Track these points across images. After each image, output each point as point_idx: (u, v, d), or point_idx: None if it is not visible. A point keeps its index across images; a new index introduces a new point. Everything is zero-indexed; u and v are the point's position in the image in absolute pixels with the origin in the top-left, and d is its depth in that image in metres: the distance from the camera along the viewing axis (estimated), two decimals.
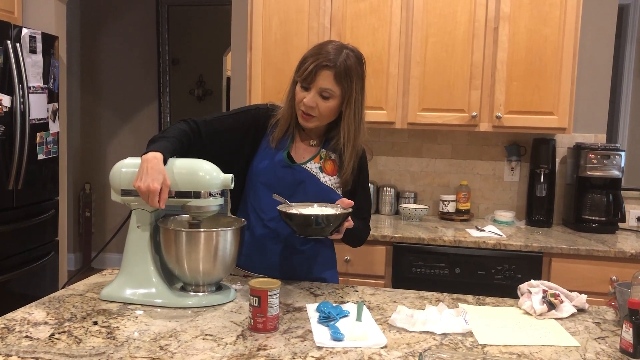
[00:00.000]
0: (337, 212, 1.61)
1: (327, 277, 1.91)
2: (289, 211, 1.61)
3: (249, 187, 1.84)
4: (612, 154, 2.93)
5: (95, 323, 1.42)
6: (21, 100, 3.14)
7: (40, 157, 3.38)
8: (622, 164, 2.94)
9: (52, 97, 3.46)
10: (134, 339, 1.33)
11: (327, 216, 1.59)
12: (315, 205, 1.68)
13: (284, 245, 1.82)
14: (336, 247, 2.74)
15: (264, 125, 1.83)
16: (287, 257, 1.83)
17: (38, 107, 3.30)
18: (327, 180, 1.80)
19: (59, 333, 1.35)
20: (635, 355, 1.31)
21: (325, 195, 1.76)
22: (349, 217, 1.65)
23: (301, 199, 1.73)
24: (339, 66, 1.68)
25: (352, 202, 1.66)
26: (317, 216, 1.58)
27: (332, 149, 1.82)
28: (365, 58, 1.80)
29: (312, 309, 1.55)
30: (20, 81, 3.12)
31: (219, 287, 1.66)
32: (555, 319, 1.57)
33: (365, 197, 1.90)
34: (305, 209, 1.65)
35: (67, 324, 1.41)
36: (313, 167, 1.80)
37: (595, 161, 2.94)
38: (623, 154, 2.95)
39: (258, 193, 1.81)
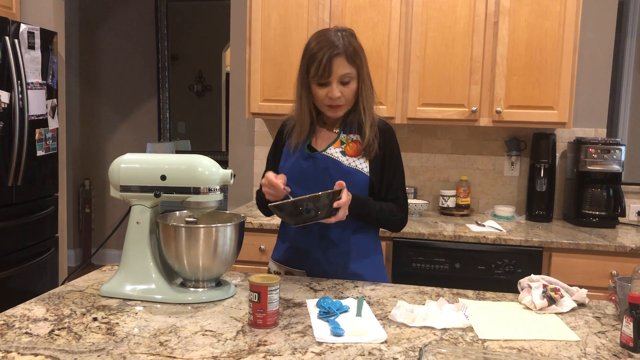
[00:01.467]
0: (314, 194, 1.57)
1: (366, 274, 1.85)
2: (275, 203, 1.59)
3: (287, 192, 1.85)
4: (612, 148, 2.93)
5: (95, 319, 1.42)
6: (20, 96, 3.13)
7: (40, 153, 3.37)
8: (622, 159, 2.94)
9: (51, 93, 3.46)
10: (134, 335, 1.33)
11: (308, 198, 1.54)
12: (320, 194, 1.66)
13: (319, 240, 1.81)
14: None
15: (282, 140, 1.91)
16: (324, 251, 1.82)
17: (37, 103, 3.30)
18: (352, 162, 1.79)
19: (59, 329, 1.35)
20: (635, 350, 1.31)
21: (350, 178, 1.75)
22: (341, 196, 1.61)
23: (328, 185, 1.70)
24: (348, 48, 1.71)
25: (342, 183, 1.62)
26: (295, 201, 1.55)
27: (353, 130, 1.82)
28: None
29: (312, 304, 1.55)
30: (19, 77, 3.12)
31: (218, 283, 1.66)
32: (556, 313, 1.57)
33: (395, 175, 1.85)
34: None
35: (66, 320, 1.41)
36: (334, 152, 1.81)
37: (595, 156, 2.94)
38: (623, 148, 2.94)
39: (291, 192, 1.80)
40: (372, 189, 1.81)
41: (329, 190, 1.59)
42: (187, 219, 1.64)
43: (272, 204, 1.59)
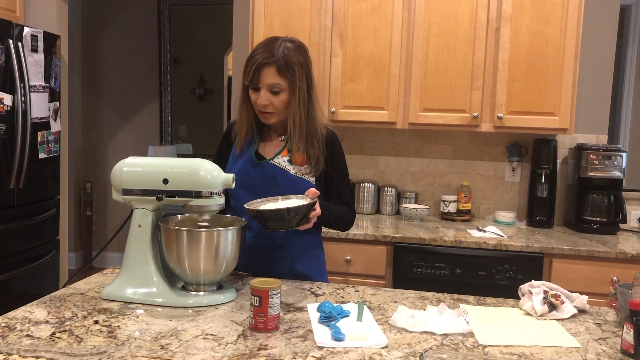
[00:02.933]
0: (299, 204, 1.60)
1: (311, 273, 1.91)
2: (253, 208, 1.61)
3: (230, 195, 1.89)
4: (613, 154, 2.93)
5: (96, 322, 1.42)
6: (22, 99, 3.14)
7: (42, 156, 3.38)
8: (624, 165, 2.94)
9: (54, 96, 3.46)
10: (135, 338, 1.33)
11: (290, 209, 1.57)
12: (280, 198, 1.70)
13: (265, 242, 1.85)
14: (336, 247, 2.74)
15: (229, 140, 1.93)
16: (271, 254, 1.86)
17: (39, 106, 3.31)
18: (298, 170, 1.83)
19: (60, 332, 1.35)
20: (636, 357, 1.31)
21: (297, 186, 1.78)
22: (316, 207, 1.66)
23: (275, 193, 1.75)
24: (279, 59, 1.74)
25: (317, 192, 1.68)
26: (279, 210, 1.57)
27: (299, 140, 1.83)
28: (306, 46, 1.84)
29: (313, 308, 1.55)
30: (22, 80, 3.12)
31: (219, 287, 1.66)
32: (556, 319, 1.57)
33: (343, 181, 1.92)
34: (270, 204, 1.66)
35: (68, 322, 1.41)
36: (281, 160, 1.84)
37: (596, 162, 2.94)
38: (624, 154, 2.94)
39: (236, 196, 1.86)
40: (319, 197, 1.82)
41: (309, 202, 1.62)
42: (200, 223, 1.65)
43: (253, 208, 1.61)
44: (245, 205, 1.64)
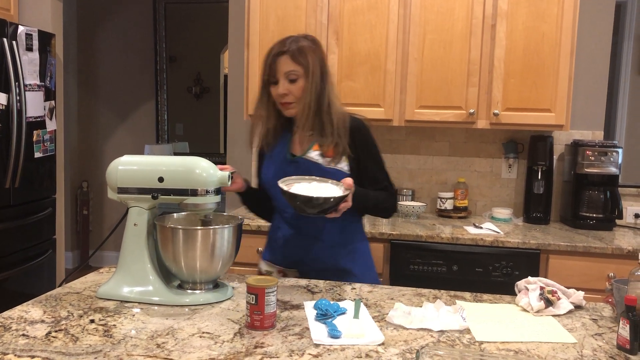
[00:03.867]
0: (330, 196, 1.63)
1: (354, 268, 1.91)
2: (287, 190, 1.63)
3: (271, 197, 1.95)
4: (609, 150, 2.93)
5: (92, 321, 1.42)
6: (17, 98, 3.13)
7: (37, 155, 3.37)
8: (620, 161, 2.95)
9: (49, 94, 3.45)
10: (131, 337, 1.33)
11: (321, 198, 1.60)
12: (317, 180, 1.72)
13: (311, 239, 1.88)
14: None
15: (263, 153, 1.99)
16: (315, 250, 1.88)
17: (35, 105, 3.29)
18: (330, 162, 1.85)
19: (56, 331, 1.35)
20: (632, 352, 1.31)
21: (332, 178, 1.79)
22: (347, 199, 1.67)
23: None
24: (292, 49, 1.82)
25: (351, 184, 1.69)
26: (311, 197, 1.60)
27: (326, 133, 1.86)
28: (318, 40, 1.93)
29: (309, 306, 1.55)
30: (17, 79, 3.11)
31: (216, 285, 1.66)
32: (553, 315, 1.57)
33: (376, 167, 1.91)
34: (304, 183, 1.69)
35: (64, 322, 1.41)
36: (314, 155, 1.86)
37: (592, 158, 2.94)
38: (620, 150, 2.95)
39: (275, 196, 1.91)
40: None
41: (341, 195, 1.64)
42: (202, 219, 1.66)
43: (289, 189, 1.64)
44: (278, 182, 1.67)
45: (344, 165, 1.85)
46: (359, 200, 1.76)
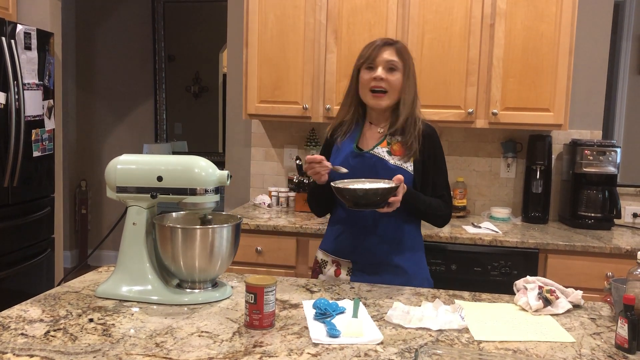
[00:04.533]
0: (379, 186, 1.68)
1: (407, 267, 1.92)
2: (338, 186, 1.71)
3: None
4: (607, 150, 2.94)
5: (91, 320, 1.42)
6: (16, 97, 3.12)
7: (36, 154, 3.36)
8: (618, 161, 2.95)
9: (48, 93, 3.45)
10: (130, 336, 1.33)
11: (374, 190, 1.66)
12: (368, 181, 1.77)
13: (368, 233, 1.91)
14: None
15: (331, 142, 2.02)
16: (371, 243, 1.91)
17: (33, 103, 3.29)
18: (396, 161, 1.88)
19: (55, 330, 1.35)
20: (630, 351, 1.31)
21: (394, 175, 1.79)
22: (397, 192, 1.71)
23: None
24: (399, 44, 1.93)
25: (401, 178, 1.73)
26: (361, 190, 1.66)
27: (398, 132, 1.91)
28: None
29: (308, 305, 1.55)
30: (15, 78, 3.11)
31: (215, 284, 1.66)
32: (551, 315, 1.57)
33: (439, 175, 1.95)
34: (358, 184, 1.73)
35: (62, 321, 1.41)
36: (381, 151, 1.91)
37: (591, 157, 2.94)
38: (619, 150, 2.95)
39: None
40: (415, 187, 1.88)
41: (392, 186, 1.69)
42: (201, 217, 1.66)
43: (339, 186, 1.70)
44: (331, 183, 1.73)
45: (408, 166, 1.88)
46: (409, 199, 1.80)
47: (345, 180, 1.78)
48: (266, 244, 2.81)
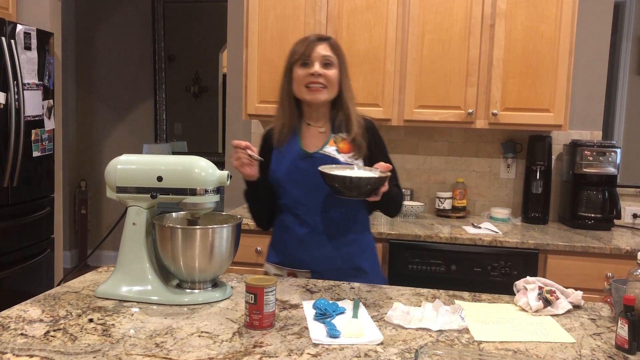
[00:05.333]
0: (376, 176, 1.67)
1: (368, 267, 1.92)
2: (328, 172, 1.66)
3: (280, 195, 1.90)
4: (607, 150, 2.94)
5: (91, 320, 1.42)
6: (16, 97, 3.12)
7: (36, 154, 3.36)
8: (618, 161, 2.95)
9: (48, 93, 3.45)
10: (130, 336, 1.33)
11: (367, 178, 1.63)
12: (355, 167, 1.75)
13: (322, 238, 1.86)
14: None
15: (268, 145, 1.95)
16: (327, 249, 1.86)
17: (33, 104, 3.29)
18: (347, 158, 1.85)
19: (54, 330, 1.35)
20: (630, 351, 1.31)
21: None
22: (386, 182, 1.69)
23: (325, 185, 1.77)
24: (332, 40, 1.90)
25: (389, 166, 1.71)
26: (358, 178, 1.63)
27: (341, 129, 1.89)
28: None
29: (308, 306, 1.55)
30: (15, 78, 3.11)
31: (215, 284, 1.66)
32: (551, 315, 1.57)
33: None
34: (348, 171, 1.70)
35: (62, 321, 1.41)
36: (330, 150, 1.86)
37: (591, 158, 2.94)
38: (619, 150, 2.95)
39: (287, 192, 1.87)
40: None
41: (384, 175, 1.67)
42: (188, 218, 1.65)
43: (333, 172, 1.65)
44: (320, 169, 1.67)
45: (360, 162, 1.86)
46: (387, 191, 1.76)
47: (332, 166, 1.74)
48: (266, 244, 2.80)
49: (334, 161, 1.83)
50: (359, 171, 1.72)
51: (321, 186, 1.72)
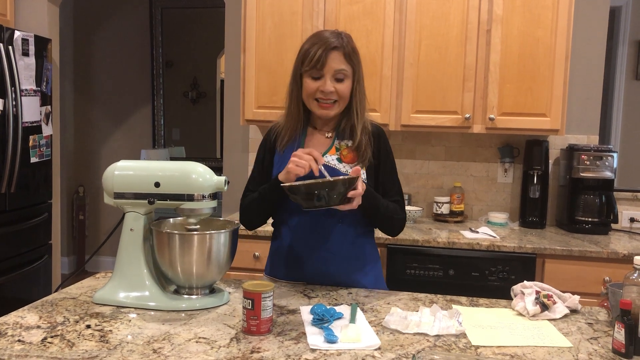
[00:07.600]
0: (335, 177, 1.53)
1: (367, 283, 1.83)
2: (290, 184, 1.55)
3: (279, 205, 1.79)
4: (604, 155, 2.94)
5: (88, 326, 1.42)
6: (14, 103, 3.12)
7: (33, 160, 3.36)
8: (615, 165, 2.96)
9: (45, 99, 3.45)
10: (127, 342, 1.33)
11: (322, 183, 1.50)
12: (331, 179, 1.58)
13: (320, 251, 1.78)
14: None
15: (273, 145, 1.85)
16: (324, 263, 1.78)
17: (31, 110, 3.29)
18: (349, 169, 1.75)
19: (52, 337, 1.35)
20: (627, 356, 1.31)
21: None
22: (357, 186, 1.56)
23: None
24: (346, 46, 1.72)
25: (358, 169, 1.61)
26: (309, 184, 1.51)
27: (346, 136, 1.78)
28: None
29: (305, 311, 1.55)
30: (13, 84, 3.11)
31: (212, 290, 1.66)
32: (548, 319, 1.57)
33: (391, 178, 1.84)
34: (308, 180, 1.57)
35: (59, 327, 1.41)
36: (330, 159, 1.77)
37: (588, 162, 2.95)
38: (615, 155, 2.96)
39: (284, 203, 1.76)
40: None
41: (345, 177, 1.55)
42: (187, 227, 1.64)
43: (286, 184, 1.55)
44: (282, 185, 1.57)
45: (362, 172, 1.74)
46: (370, 197, 1.66)
47: (299, 182, 1.58)
48: (264, 249, 2.80)
49: (332, 171, 1.70)
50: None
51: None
